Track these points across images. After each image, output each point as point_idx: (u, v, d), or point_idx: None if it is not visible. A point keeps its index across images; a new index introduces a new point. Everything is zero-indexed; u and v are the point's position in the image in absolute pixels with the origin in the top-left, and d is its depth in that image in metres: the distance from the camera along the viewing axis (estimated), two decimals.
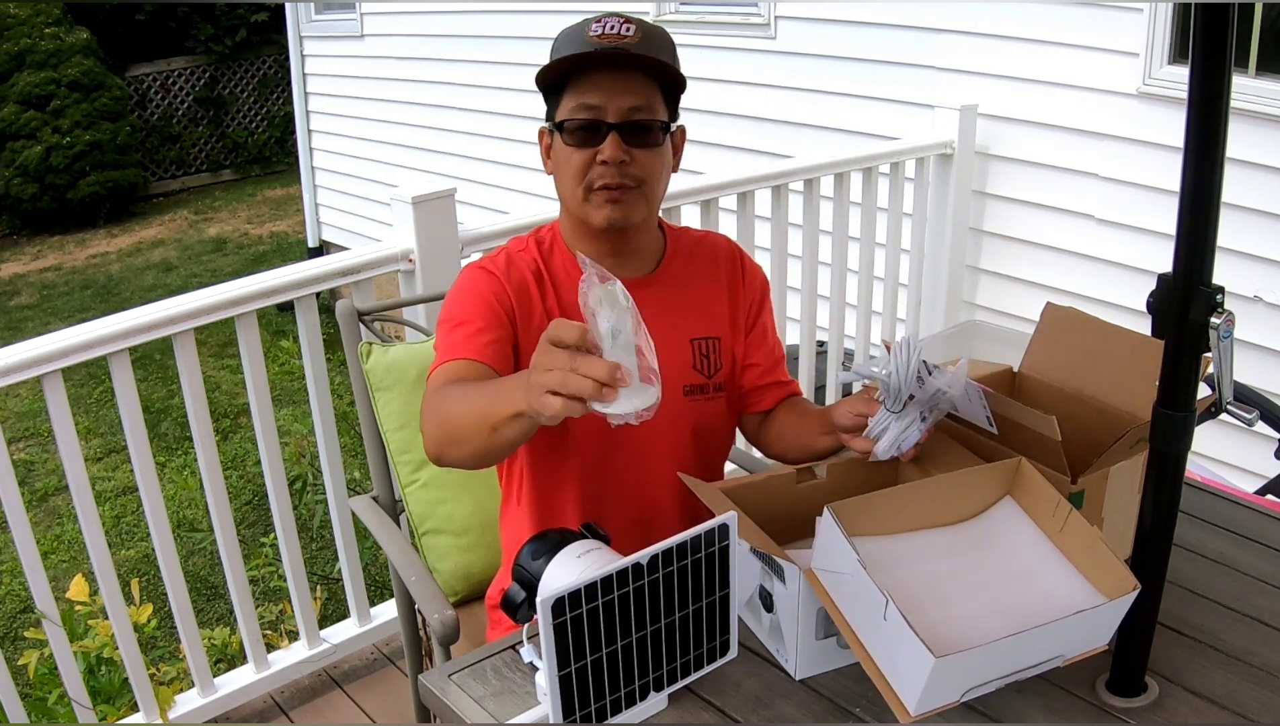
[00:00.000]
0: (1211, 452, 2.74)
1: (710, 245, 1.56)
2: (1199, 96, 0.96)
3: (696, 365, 1.48)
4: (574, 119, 1.35)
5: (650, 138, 1.36)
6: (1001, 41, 3.22)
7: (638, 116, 1.35)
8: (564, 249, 1.46)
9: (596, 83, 1.33)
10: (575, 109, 1.34)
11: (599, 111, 1.34)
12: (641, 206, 1.39)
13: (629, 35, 1.33)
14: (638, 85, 1.35)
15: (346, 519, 2.44)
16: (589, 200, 1.37)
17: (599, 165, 1.35)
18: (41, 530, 4.11)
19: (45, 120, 8.36)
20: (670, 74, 1.37)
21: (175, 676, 2.38)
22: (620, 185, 1.35)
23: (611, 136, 1.33)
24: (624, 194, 1.36)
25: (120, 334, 1.96)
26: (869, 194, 3.03)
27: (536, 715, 1.12)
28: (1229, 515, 1.52)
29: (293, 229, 8.18)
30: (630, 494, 1.48)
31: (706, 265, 1.53)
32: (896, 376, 1.27)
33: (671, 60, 1.37)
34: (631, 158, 1.35)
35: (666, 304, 1.47)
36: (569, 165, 1.37)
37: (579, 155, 1.35)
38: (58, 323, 6.46)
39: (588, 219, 1.39)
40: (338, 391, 4.07)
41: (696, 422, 1.49)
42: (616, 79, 1.33)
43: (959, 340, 3.15)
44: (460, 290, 1.43)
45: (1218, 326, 1.00)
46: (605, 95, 1.33)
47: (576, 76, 1.34)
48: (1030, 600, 1.15)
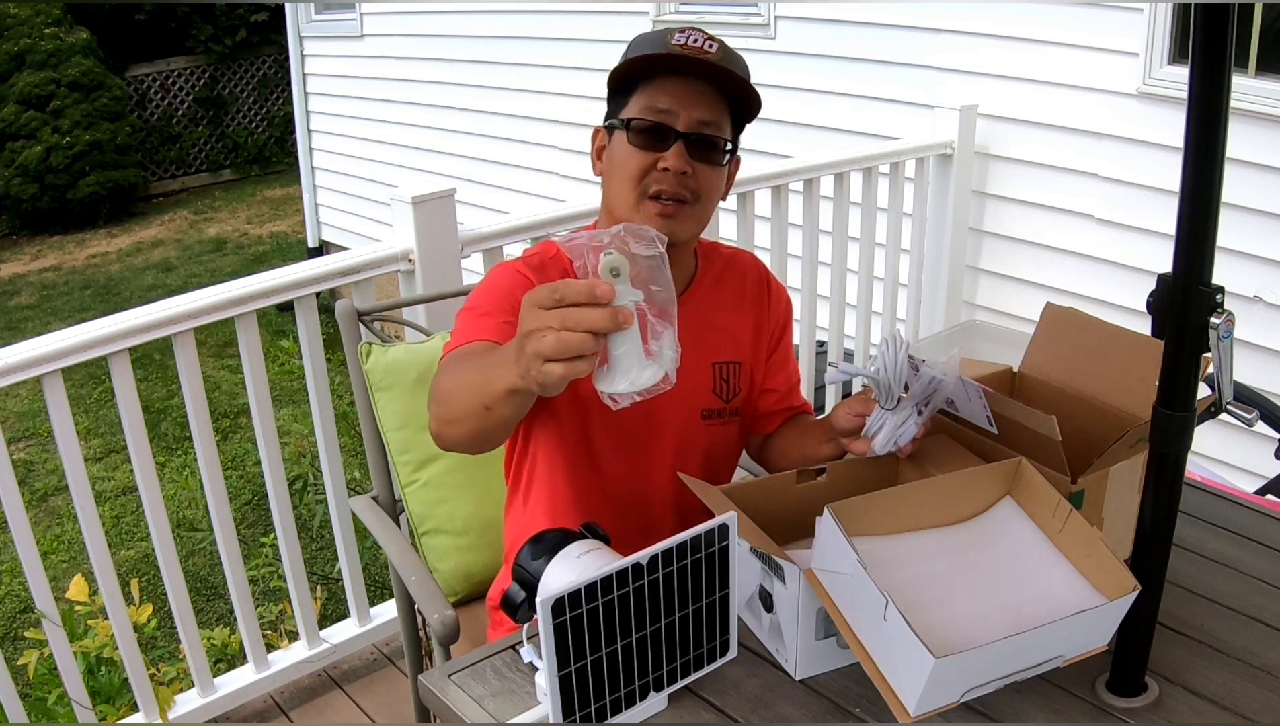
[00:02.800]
0: (1211, 452, 2.74)
1: (740, 267, 1.53)
2: (1199, 96, 0.96)
3: (716, 389, 1.47)
4: (642, 119, 1.31)
5: (715, 155, 1.34)
6: (1001, 41, 3.22)
7: (707, 131, 1.32)
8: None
9: (671, 89, 1.31)
10: (645, 109, 1.31)
11: (669, 116, 1.31)
12: (692, 225, 1.36)
13: (711, 51, 1.31)
14: (711, 100, 1.32)
15: (346, 519, 2.44)
16: (640, 208, 1.33)
17: (659, 171, 1.31)
18: (41, 530, 4.11)
19: (45, 120, 8.35)
20: (745, 95, 1.34)
21: (175, 676, 2.38)
22: (676, 196, 1.32)
23: (678, 145, 1.31)
24: (679, 209, 1.33)
25: (120, 334, 1.96)
26: (869, 194, 3.03)
27: (536, 715, 1.12)
28: (1229, 515, 1.52)
29: (293, 229, 8.18)
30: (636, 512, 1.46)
31: (735, 287, 1.51)
32: (885, 372, 1.27)
33: (751, 88, 1.35)
34: (693, 171, 1.32)
35: (693, 326, 1.43)
36: (627, 165, 1.33)
37: (640, 157, 1.32)
38: (58, 323, 6.46)
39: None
40: (338, 391, 4.07)
41: (710, 447, 1.48)
42: (692, 88, 1.31)
43: (959, 340, 3.16)
44: (490, 285, 1.38)
45: (1218, 326, 1.00)
46: (678, 102, 1.31)
47: (650, 78, 1.32)
48: (1030, 600, 1.15)
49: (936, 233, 3.32)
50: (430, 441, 1.76)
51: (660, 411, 1.41)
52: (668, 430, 1.44)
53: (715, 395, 1.47)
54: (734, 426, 1.51)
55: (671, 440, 1.45)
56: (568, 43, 4.66)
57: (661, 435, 1.44)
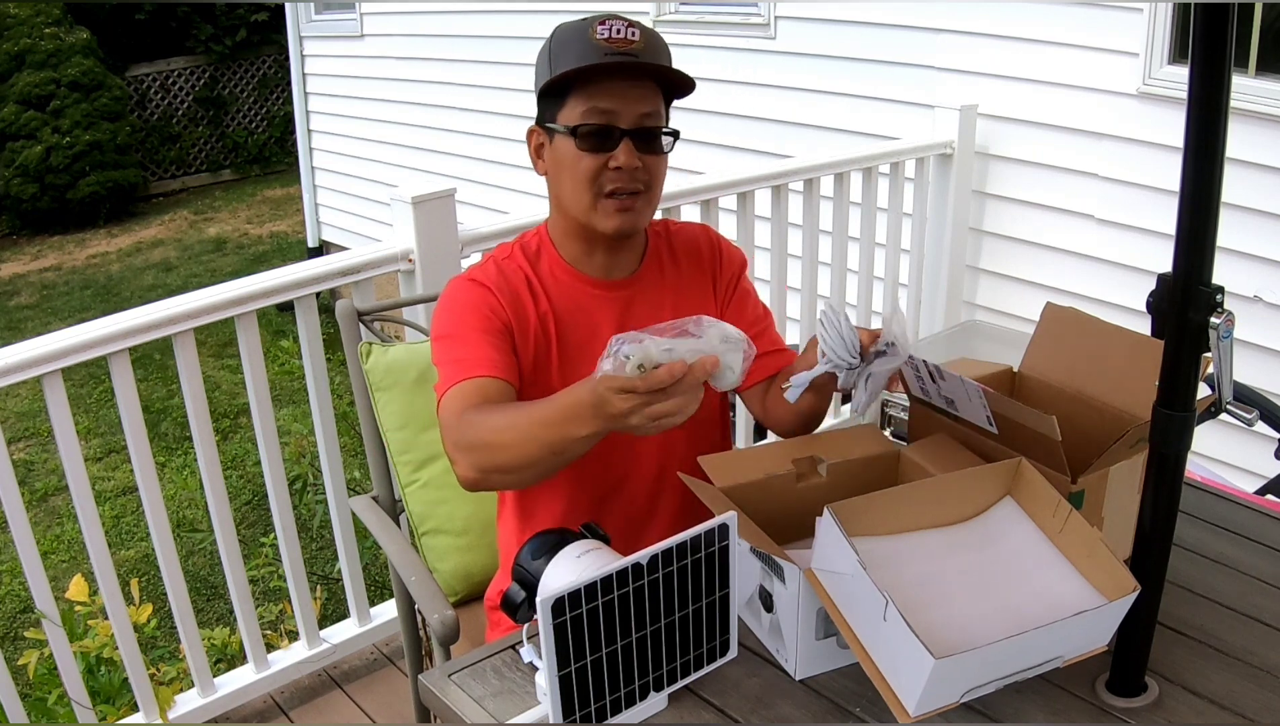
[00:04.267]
0: (1211, 452, 2.74)
1: (689, 233, 1.57)
2: (1199, 96, 0.96)
3: None
4: (587, 123, 1.34)
5: (658, 144, 1.38)
6: (1001, 41, 3.22)
7: (649, 122, 1.36)
8: (552, 253, 1.46)
9: (609, 89, 1.34)
10: (587, 113, 1.34)
11: (613, 116, 1.34)
12: (648, 213, 1.42)
13: (635, 40, 1.33)
14: (648, 92, 1.36)
15: (346, 519, 2.44)
16: (598, 207, 1.37)
17: (612, 171, 1.35)
18: (41, 530, 4.11)
19: (45, 120, 8.35)
20: (678, 82, 1.37)
21: (175, 676, 2.38)
22: (633, 191, 1.36)
23: (626, 142, 1.34)
24: (635, 201, 1.37)
25: (120, 334, 1.96)
26: (869, 194, 3.03)
27: (536, 715, 1.12)
28: (1229, 515, 1.52)
29: (293, 229, 8.18)
30: (623, 489, 1.48)
31: (688, 254, 1.54)
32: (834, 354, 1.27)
33: (670, 62, 1.38)
34: (643, 164, 1.36)
35: (653, 297, 1.48)
36: (577, 170, 1.36)
37: (591, 160, 1.35)
38: (58, 323, 6.46)
39: (594, 225, 1.39)
40: (338, 391, 4.07)
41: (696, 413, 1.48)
42: (629, 85, 1.34)
43: (959, 340, 3.16)
44: (453, 303, 1.41)
45: (1218, 326, 1.00)
46: (619, 101, 1.34)
47: (585, 81, 1.34)
48: (1030, 600, 1.15)
49: (936, 233, 3.32)
50: (431, 441, 1.78)
51: None
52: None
53: None
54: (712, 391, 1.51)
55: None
56: None
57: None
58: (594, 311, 1.45)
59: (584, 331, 1.43)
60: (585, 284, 1.45)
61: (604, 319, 1.45)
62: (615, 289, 1.46)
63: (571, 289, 1.44)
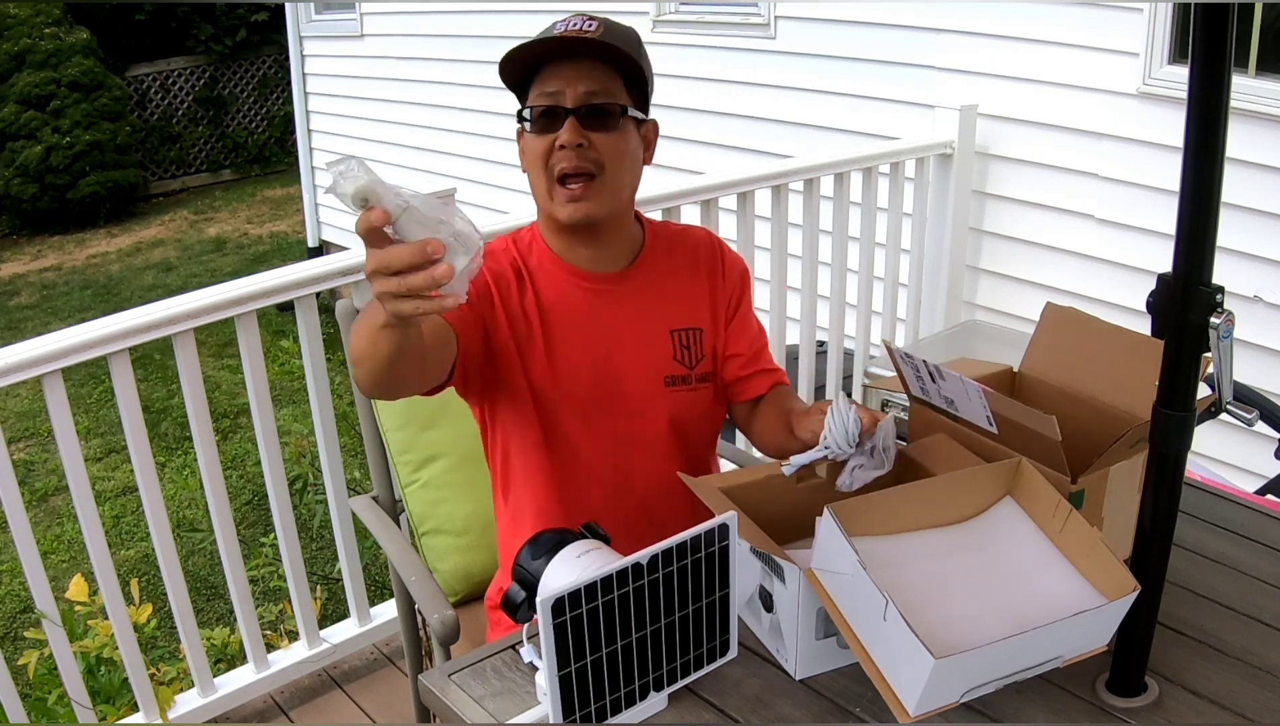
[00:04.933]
0: (1211, 452, 2.74)
1: (691, 238, 1.57)
2: (1199, 96, 0.96)
3: (677, 356, 1.49)
4: (534, 105, 1.37)
5: (609, 122, 1.37)
6: (1001, 41, 3.22)
7: (596, 100, 1.36)
8: (541, 245, 1.47)
9: (556, 72, 1.36)
10: (536, 96, 1.37)
11: (558, 97, 1.35)
12: (606, 198, 1.39)
13: (590, 30, 1.35)
14: (597, 73, 1.36)
15: (346, 519, 2.44)
16: (553, 196, 1.38)
17: (558, 150, 1.35)
18: (41, 530, 4.11)
19: (45, 120, 8.35)
20: (627, 62, 1.38)
21: (175, 676, 2.38)
22: (579, 170, 1.36)
23: (570, 121, 1.35)
24: (586, 189, 1.37)
25: (120, 334, 1.96)
26: (869, 194, 3.03)
27: (536, 715, 1.12)
28: (1229, 515, 1.52)
29: (293, 229, 8.18)
30: (614, 488, 1.48)
31: (687, 257, 1.54)
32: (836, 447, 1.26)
33: (634, 54, 1.38)
34: (589, 142, 1.35)
35: (645, 296, 1.48)
36: (533, 154, 1.38)
37: (539, 141, 1.37)
38: (58, 323, 6.46)
39: (554, 214, 1.40)
40: (338, 391, 4.07)
41: (675, 414, 1.49)
42: (575, 67, 1.36)
43: (959, 340, 3.16)
44: None
45: (1218, 326, 1.00)
46: (564, 81, 1.35)
47: (538, 70, 1.37)
48: (1030, 600, 1.15)
49: (936, 233, 3.32)
50: (431, 441, 1.78)
51: (622, 382, 1.45)
52: (631, 402, 1.46)
53: (677, 362, 1.49)
54: (704, 393, 1.52)
55: (636, 410, 1.47)
56: None
57: (625, 407, 1.46)
58: (580, 302, 1.45)
59: (570, 323, 1.44)
60: (573, 276, 1.45)
61: (590, 311, 1.45)
62: (604, 282, 1.47)
63: (558, 280, 1.45)
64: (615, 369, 1.45)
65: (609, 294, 1.46)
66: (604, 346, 1.45)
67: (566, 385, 1.43)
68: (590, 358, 1.44)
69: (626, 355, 1.46)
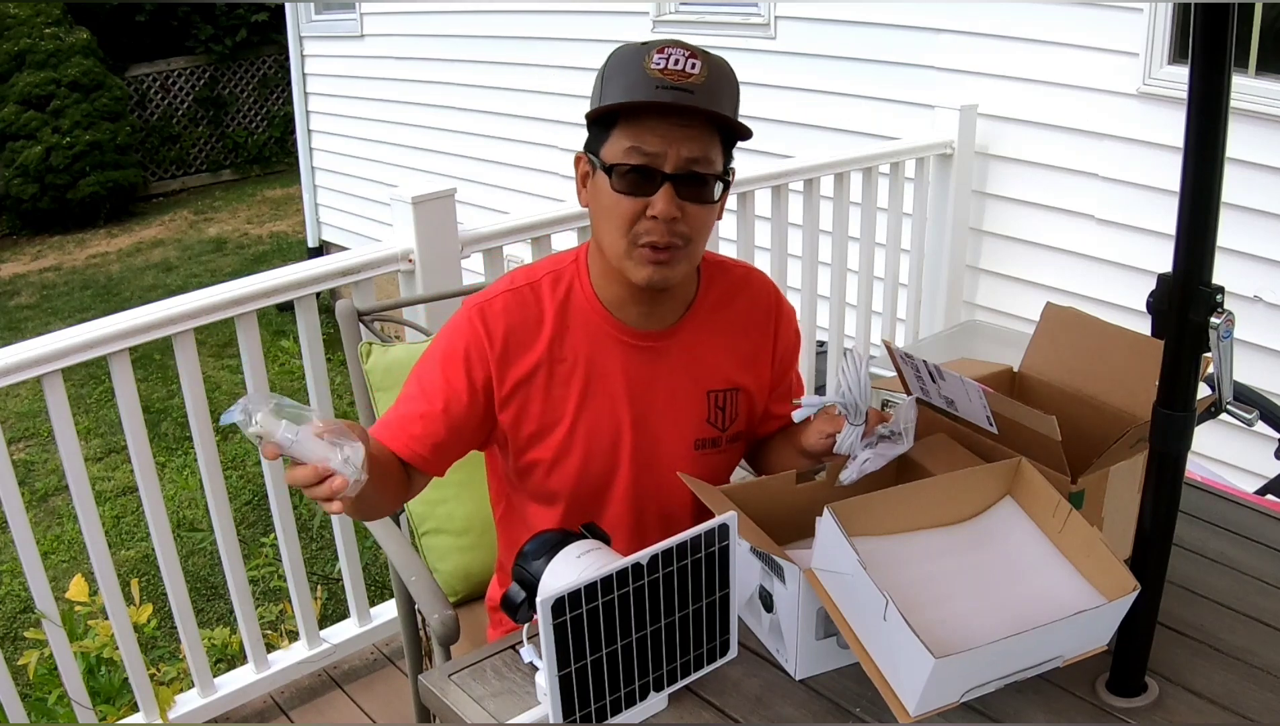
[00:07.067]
0: (1211, 452, 2.74)
1: (750, 290, 1.46)
2: (1199, 96, 0.96)
3: (711, 418, 1.41)
4: (626, 164, 1.23)
5: (705, 192, 1.26)
6: (1001, 41, 3.22)
7: (696, 168, 1.24)
8: (588, 289, 1.36)
9: (654, 127, 1.22)
10: (629, 152, 1.23)
11: (655, 159, 1.22)
12: (683, 267, 1.30)
13: (694, 72, 1.21)
14: (699, 133, 1.23)
15: (346, 519, 2.44)
16: (631, 255, 1.27)
17: (648, 219, 1.24)
18: (41, 530, 4.11)
19: (45, 120, 8.35)
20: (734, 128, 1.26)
21: (175, 676, 2.39)
22: (668, 245, 1.25)
23: (665, 188, 1.23)
24: (670, 256, 1.27)
25: (120, 334, 1.96)
26: (869, 194, 3.03)
27: (536, 715, 1.12)
28: (1229, 515, 1.52)
29: (293, 229, 8.18)
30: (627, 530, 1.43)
31: (741, 313, 1.44)
32: (851, 392, 1.26)
33: (735, 104, 1.27)
34: (683, 213, 1.24)
35: (687, 355, 1.39)
36: (614, 212, 1.26)
37: (628, 203, 1.24)
38: (58, 322, 6.45)
39: (627, 274, 1.29)
40: (338, 391, 4.07)
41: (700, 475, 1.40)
42: (678, 125, 1.22)
43: (959, 340, 3.16)
44: (447, 332, 1.37)
45: (1218, 326, 1.00)
46: (664, 140, 1.22)
47: (631, 115, 1.23)
48: (1030, 600, 1.15)
49: (936, 232, 3.32)
50: None
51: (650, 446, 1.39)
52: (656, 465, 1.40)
53: (710, 424, 1.41)
54: (732, 454, 1.47)
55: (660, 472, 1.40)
56: (568, 42, 4.65)
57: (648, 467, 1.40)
58: (618, 360, 1.36)
59: (604, 379, 1.36)
60: (615, 330, 1.36)
61: (626, 370, 1.36)
62: (648, 340, 1.37)
63: (600, 333, 1.35)
64: (644, 433, 1.38)
65: (650, 352, 1.37)
66: (636, 408, 1.37)
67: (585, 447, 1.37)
68: (618, 421, 1.37)
69: (658, 418, 1.38)
